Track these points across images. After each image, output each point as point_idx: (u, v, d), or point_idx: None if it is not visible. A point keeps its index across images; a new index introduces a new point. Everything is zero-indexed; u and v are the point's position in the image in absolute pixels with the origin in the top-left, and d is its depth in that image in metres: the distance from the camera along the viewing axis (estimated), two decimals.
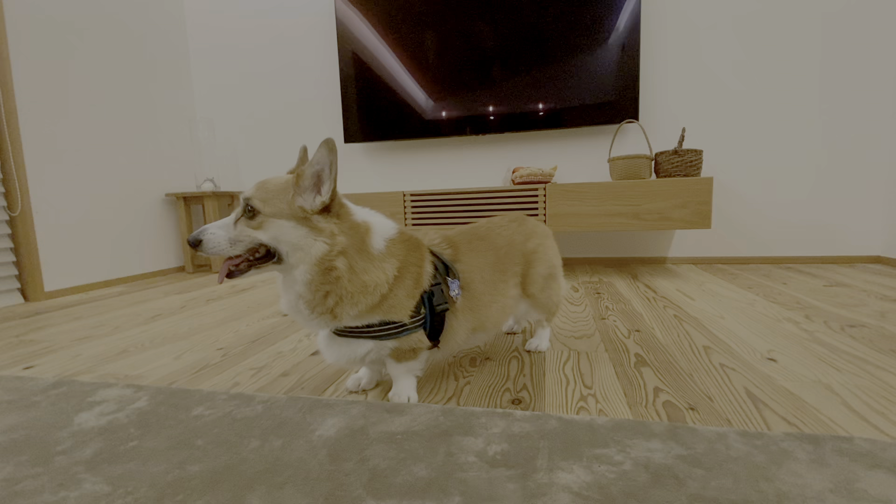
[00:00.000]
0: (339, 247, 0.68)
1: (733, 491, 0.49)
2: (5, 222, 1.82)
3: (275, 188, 0.68)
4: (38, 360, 1.08)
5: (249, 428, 0.67)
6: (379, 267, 0.70)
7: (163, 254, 2.49)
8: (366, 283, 0.69)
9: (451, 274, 0.79)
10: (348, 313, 0.70)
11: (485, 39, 2.17)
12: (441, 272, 0.78)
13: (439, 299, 0.76)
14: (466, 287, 0.81)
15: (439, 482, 0.53)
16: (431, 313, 0.75)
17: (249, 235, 0.67)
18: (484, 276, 0.84)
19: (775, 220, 2.14)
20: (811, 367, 0.88)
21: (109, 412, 0.74)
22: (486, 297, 0.84)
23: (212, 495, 0.52)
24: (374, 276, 0.70)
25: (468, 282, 0.81)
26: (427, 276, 0.76)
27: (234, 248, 0.67)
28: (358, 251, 0.69)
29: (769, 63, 2.04)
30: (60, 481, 0.56)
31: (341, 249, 0.68)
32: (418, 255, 0.76)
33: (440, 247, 0.83)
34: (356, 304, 0.69)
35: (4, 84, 1.77)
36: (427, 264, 0.77)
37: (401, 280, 0.72)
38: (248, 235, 0.67)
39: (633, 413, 0.71)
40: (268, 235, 0.67)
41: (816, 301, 1.39)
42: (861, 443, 0.58)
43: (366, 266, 0.69)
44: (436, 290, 0.76)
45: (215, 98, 2.70)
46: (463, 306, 0.80)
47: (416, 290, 0.74)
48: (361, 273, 0.69)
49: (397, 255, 0.73)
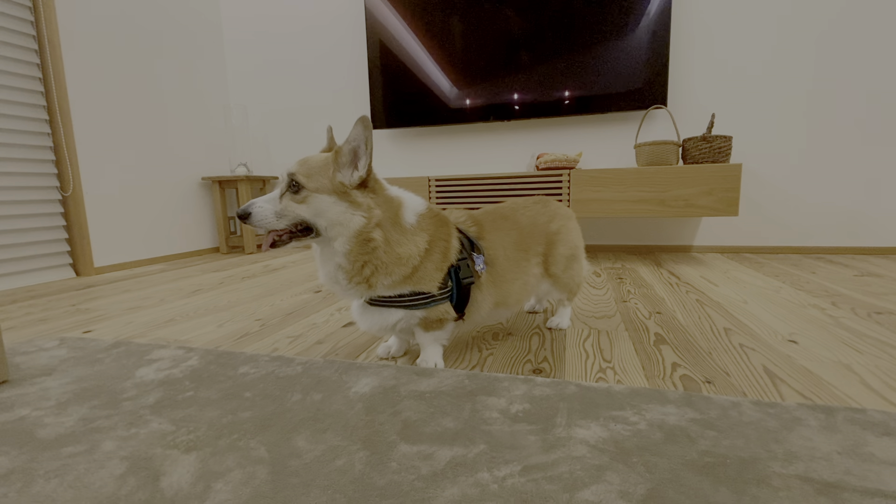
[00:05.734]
0: (375, 219, 0.72)
1: (743, 449, 0.52)
2: (59, 202, 1.95)
3: (317, 164, 0.72)
4: (95, 326, 1.18)
5: (291, 384, 0.73)
6: (411, 240, 0.75)
7: (199, 234, 2.61)
8: (399, 255, 0.74)
9: (476, 250, 0.83)
10: (382, 283, 0.75)
11: (511, 26, 2.17)
12: (467, 248, 0.82)
13: (465, 273, 0.80)
14: (490, 263, 0.85)
15: (466, 432, 0.57)
16: (458, 286, 0.80)
17: (293, 210, 0.71)
18: (507, 254, 0.88)
19: (806, 208, 2.09)
20: (833, 348, 0.88)
21: (166, 368, 0.82)
22: (510, 274, 0.87)
23: (263, 436, 0.58)
24: (407, 248, 0.74)
25: (492, 258, 0.85)
26: (454, 250, 0.80)
27: (280, 221, 0.71)
28: (393, 224, 0.74)
29: (801, 48, 1.98)
30: (130, 421, 0.63)
31: (378, 222, 0.73)
32: (446, 231, 0.80)
33: (466, 224, 0.87)
34: (390, 275, 0.74)
35: (58, 75, 1.88)
36: (454, 240, 0.81)
37: (430, 253, 0.77)
38: (293, 210, 0.71)
39: (651, 384, 0.74)
40: (311, 210, 0.71)
41: (845, 289, 1.37)
42: (874, 414, 0.59)
43: (400, 238, 0.74)
44: (462, 265, 0.80)
45: (248, 85, 2.78)
46: (487, 281, 0.84)
47: (444, 263, 0.78)
48: (396, 245, 0.74)
49: (427, 230, 0.77)
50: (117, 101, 2.14)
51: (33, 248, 1.85)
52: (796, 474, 0.47)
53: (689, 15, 2.08)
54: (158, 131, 2.35)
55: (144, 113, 2.27)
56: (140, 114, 2.25)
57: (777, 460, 0.50)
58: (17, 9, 1.78)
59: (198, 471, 0.51)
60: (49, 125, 1.91)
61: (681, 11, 2.09)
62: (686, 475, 0.48)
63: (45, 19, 1.85)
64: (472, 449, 0.54)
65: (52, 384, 0.77)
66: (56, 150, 1.92)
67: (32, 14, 1.84)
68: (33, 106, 1.85)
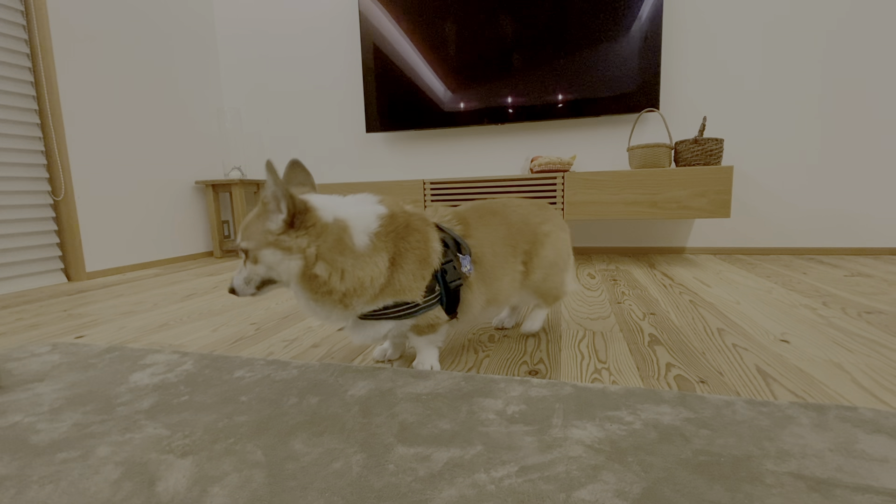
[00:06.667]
0: (312, 258, 0.69)
1: (736, 447, 0.53)
2: (50, 206, 1.93)
3: (251, 222, 0.72)
4: (88, 331, 1.17)
5: (287, 388, 0.73)
6: (368, 262, 0.71)
7: (193, 239, 2.60)
8: (360, 279, 0.70)
9: (463, 250, 0.81)
10: (357, 303, 0.72)
11: (505, 30, 2.19)
12: (452, 249, 0.80)
13: (452, 276, 0.78)
14: (478, 261, 0.83)
15: (463, 434, 0.58)
16: (446, 290, 0.78)
17: (254, 273, 0.73)
18: (495, 250, 0.86)
19: (797, 210, 2.11)
20: (824, 348, 0.90)
21: (160, 373, 0.82)
22: (498, 270, 0.85)
23: (259, 440, 0.58)
24: (367, 271, 0.71)
25: (480, 255, 0.83)
26: (436, 254, 0.77)
27: (249, 286, 0.74)
28: (340, 252, 0.70)
29: (791, 51, 2.01)
30: (125, 426, 0.63)
31: (318, 257, 0.69)
32: (419, 238, 0.76)
33: (451, 223, 0.85)
34: (360, 296, 0.72)
35: (49, 79, 1.87)
36: (434, 243, 0.77)
37: (400, 266, 0.73)
38: (253, 273, 0.73)
39: (645, 384, 0.75)
40: (263, 268, 0.72)
41: (836, 290, 1.39)
42: (865, 412, 0.60)
43: (354, 263, 0.70)
44: (448, 268, 0.78)
45: (242, 89, 2.78)
46: (476, 279, 0.82)
47: (424, 270, 0.75)
48: (353, 270, 0.70)
49: (387, 247, 0.73)
50: (110, 104, 2.12)
51: (24, 252, 1.83)
52: (789, 471, 0.48)
53: (681, 19, 2.11)
54: (151, 135, 2.33)
55: (137, 116, 2.26)
56: (133, 117, 2.24)
57: (770, 458, 0.51)
58: (8, 12, 1.77)
59: (194, 475, 0.51)
60: (41, 129, 1.90)
61: (672, 15, 2.11)
62: (681, 474, 0.48)
63: (38, 23, 1.84)
64: (469, 450, 0.54)
65: (45, 390, 0.76)
66: (48, 155, 1.91)
67: (24, 17, 1.83)
68: (24, 110, 1.84)
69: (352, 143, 2.65)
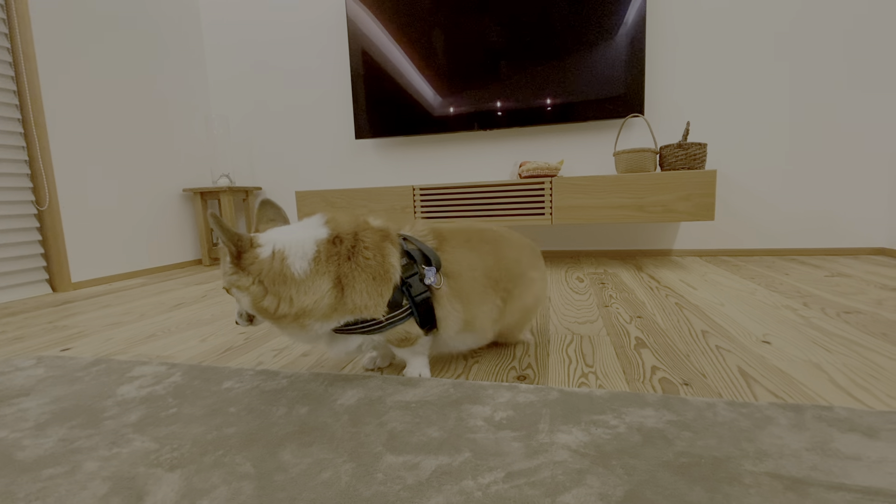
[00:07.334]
0: (257, 293, 0.71)
1: (717, 448, 0.54)
2: (34, 216, 1.91)
3: (222, 264, 0.77)
4: (74, 343, 1.16)
5: (277, 398, 0.73)
6: (309, 289, 0.71)
7: (181, 247, 2.57)
8: (304, 306, 0.71)
9: (431, 262, 0.79)
10: (312, 323, 0.73)
11: (492, 35, 2.22)
12: (418, 261, 0.78)
13: (417, 289, 0.76)
14: (453, 277, 0.81)
15: (451, 441, 0.58)
16: (414, 303, 0.77)
17: (238, 306, 0.80)
18: (475, 275, 0.83)
19: (780, 212, 2.16)
20: (804, 348, 0.92)
21: (148, 385, 0.81)
22: (476, 295, 0.83)
23: (249, 451, 0.58)
24: (309, 298, 0.71)
25: (455, 272, 0.81)
26: (395, 269, 0.76)
27: (241, 318, 0.80)
28: (282, 283, 0.71)
29: (773, 56, 2.06)
30: (112, 440, 0.63)
31: (262, 293, 0.71)
32: (371, 255, 0.75)
33: (425, 237, 0.84)
34: (310, 317, 0.73)
35: (32, 88, 1.85)
36: (391, 258, 0.76)
37: (349, 286, 0.73)
38: (238, 306, 0.80)
39: (631, 388, 0.76)
40: (239, 304, 0.77)
41: (816, 290, 1.42)
42: (840, 411, 0.62)
43: (296, 291, 0.71)
44: (412, 281, 0.76)
45: (230, 95, 2.77)
46: (450, 296, 0.80)
47: (381, 287, 0.74)
48: (297, 299, 0.71)
49: (327, 270, 0.72)
50: (95, 112, 2.11)
51: (8, 263, 1.80)
52: (766, 471, 0.50)
53: (664, 25, 2.15)
54: (138, 142, 2.31)
55: (124, 124, 2.24)
56: (119, 125, 2.22)
57: (749, 458, 0.52)
58: None
59: (182, 488, 0.51)
60: (24, 138, 1.87)
61: (656, 21, 2.15)
62: (663, 476, 0.49)
63: (20, 30, 1.82)
64: (457, 457, 0.55)
65: (30, 405, 0.75)
66: (31, 164, 1.88)
67: (6, 25, 1.81)
68: (7, 119, 1.82)
69: (341, 149, 2.65)
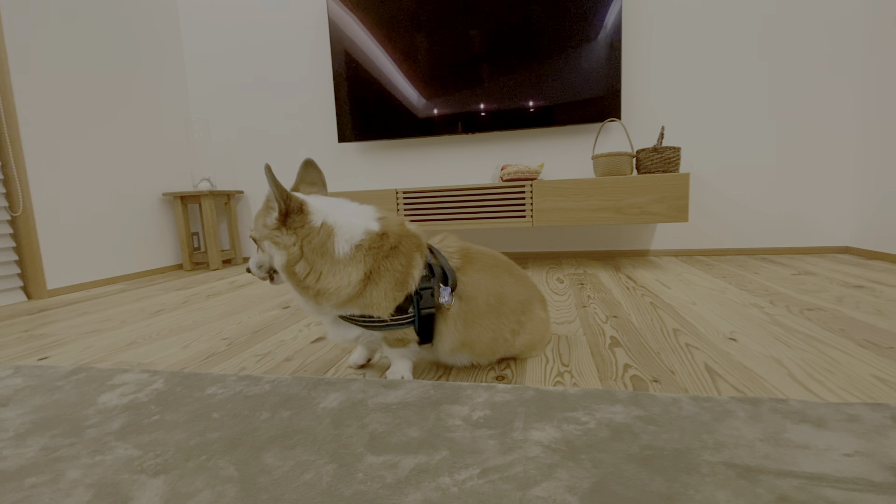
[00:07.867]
0: (294, 255, 0.75)
1: (679, 441, 0.58)
2: (7, 222, 1.87)
3: (258, 215, 0.80)
4: (52, 352, 1.15)
5: (260, 403, 0.75)
6: (342, 271, 0.74)
7: (161, 251, 2.54)
8: (329, 285, 0.75)
9: (448, 281, 0.80)
10: (326, 304, 0.77)
11: (474, 38, 2.25)
12: (437, 277, 0.80)
13: (426, 303, 0.78)
14: (467, 299, 0.82)
15: (430, 441, 0.61)
16: (419, 314, 0.79)
17: (262, 258, 0.81)
18: (490, 301, 0.84)
19: (750, 213, 2.24)
20: (766, 345, 0.97)
21: (130, 392, 0.82)
22: (486, 320, 0.83)
23: (232, 455, 0.59)
24: (336, 280, 0.74)
25: (471, 296, 0.82)
26: (414, 279, 0.78)
27: (261, 271, 0.82)
28: (320, 255, 0.74)
29: (744, 62, 2.14)
30: (94, 448, 0.63)
31: (298, 256, 0.75)
32: (402, 261, 0.77)
33: (451, 254, 0.85)
34: (328, 300, 0.76)
35: (4, 89, 1.81)
36: (415, 270, 0.78)
37: (374, 283, 0.76)
38: (262, 258, 0.81)
39: (604, 385, 0.80)
40: (266, 256, 0.80)
41: (783, 288, 1.49)
42: (794, 403, 0.67)
43: (330, 269, 0.75)
44: (425, 294, 0.78)
45: (210, 98, 2.75)
46: (456, 315, 0.81)
47: (397, 292, 0.77)
48: (324, 276, 0.74)
49: (365, 261, 0.75)
50: (70, 115, 2.07)
51: None
52: (722, 461, 0.53)
53: (639, 30, 2.21)
54: (115, 146, 2.28)
55: (100, 128, 2.20)
56: (95, 128, 2.18)
57: (707, 449, 0.56)
58: None
59: (166, 494, 0.52)
60: None
61: (631, 27, 2.22)
62: (627, 468, 0.53)
63: None
64: (435, 456, 0.57)
65: (9, 415, 0.75)
66: (4, 169, 1.84)
67: None
68: None
69: (324, 153, 2.65)
